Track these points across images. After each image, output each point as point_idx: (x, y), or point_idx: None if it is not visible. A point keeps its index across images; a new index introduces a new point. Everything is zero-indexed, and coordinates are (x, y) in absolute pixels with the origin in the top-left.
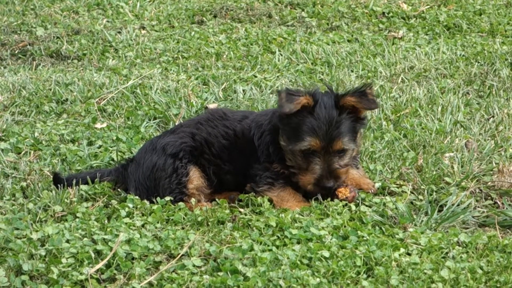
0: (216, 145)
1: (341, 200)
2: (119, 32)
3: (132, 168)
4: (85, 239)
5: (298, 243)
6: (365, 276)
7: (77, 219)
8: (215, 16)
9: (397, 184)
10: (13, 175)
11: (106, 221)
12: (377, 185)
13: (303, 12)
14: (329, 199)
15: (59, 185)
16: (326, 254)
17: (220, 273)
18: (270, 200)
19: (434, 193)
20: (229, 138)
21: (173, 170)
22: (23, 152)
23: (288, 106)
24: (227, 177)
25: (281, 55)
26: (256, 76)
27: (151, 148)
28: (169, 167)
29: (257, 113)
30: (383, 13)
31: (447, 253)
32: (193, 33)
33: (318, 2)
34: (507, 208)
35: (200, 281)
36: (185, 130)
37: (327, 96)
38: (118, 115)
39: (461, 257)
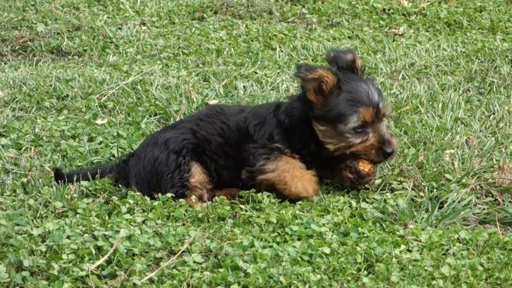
0: (213, 143)
1: (360, 174)
2: (120, 28)
3: (133, 162)
4: (86, 235)
5: (299, 239)
6: (365, 272)
7: (77, 215)
8: (215, 13)
9: (397, 181)
10: (14, 171)
11: (106, 217)
12: (378, 181)
13: (303, 9)
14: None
15: (60, 180)
16: (327, 250)
17: (221, 270)
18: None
19: (435, 190)
20: (224, 134)
21: (176, 166)
22: (23, 148)
23: (306, 73)
24: (223, 172)
25: (282, 51)
26: (256, 73)
27: (153, 142)
28: (172, 163)
29: (254, 106)
30: (384, 9)
31: (447, 250)
32: (193, 29)
33: None
34: (507, 205)
35: (201, 277)
36: (186, 126)
37: (338, 70)
38: (119, 111)
39: (461, 254)
